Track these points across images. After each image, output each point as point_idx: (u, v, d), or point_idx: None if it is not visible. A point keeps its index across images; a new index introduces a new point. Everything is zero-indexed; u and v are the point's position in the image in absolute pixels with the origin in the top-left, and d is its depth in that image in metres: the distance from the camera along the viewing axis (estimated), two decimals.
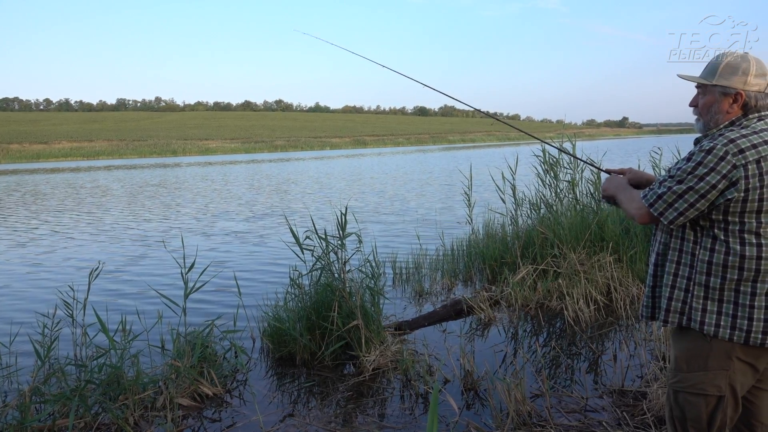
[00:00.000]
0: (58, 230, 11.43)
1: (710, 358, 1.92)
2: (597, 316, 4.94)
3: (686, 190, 1.86)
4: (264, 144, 69.29)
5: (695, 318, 1.92)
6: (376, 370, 3.96)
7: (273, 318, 4.39)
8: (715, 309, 1.89)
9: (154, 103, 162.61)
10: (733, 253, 1.85)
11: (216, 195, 17.80)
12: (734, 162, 1.81)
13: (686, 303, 1.95)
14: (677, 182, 1.89)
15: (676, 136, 67.98)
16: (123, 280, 7.06)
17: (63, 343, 4.25)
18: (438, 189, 17.46)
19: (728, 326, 1.87)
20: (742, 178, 1.80)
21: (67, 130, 78.89)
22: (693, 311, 1.93)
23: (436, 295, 5.88)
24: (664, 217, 1.93)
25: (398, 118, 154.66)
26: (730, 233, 1.86)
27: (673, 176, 1.92)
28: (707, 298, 1.90)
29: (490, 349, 4.32)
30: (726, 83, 1.94)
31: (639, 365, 3.84)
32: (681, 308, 1.96)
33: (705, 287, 1.90)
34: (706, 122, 2.02)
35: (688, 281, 1.95)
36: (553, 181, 6.38)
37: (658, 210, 1.94)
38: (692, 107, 2.08)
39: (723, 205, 1.85)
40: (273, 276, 6.95)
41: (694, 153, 1.91)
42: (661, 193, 1.93)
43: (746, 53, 1.97)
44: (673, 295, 1.98)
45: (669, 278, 2.00)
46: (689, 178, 1.86)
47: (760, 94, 1.93)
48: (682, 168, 1.90)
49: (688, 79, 2.06)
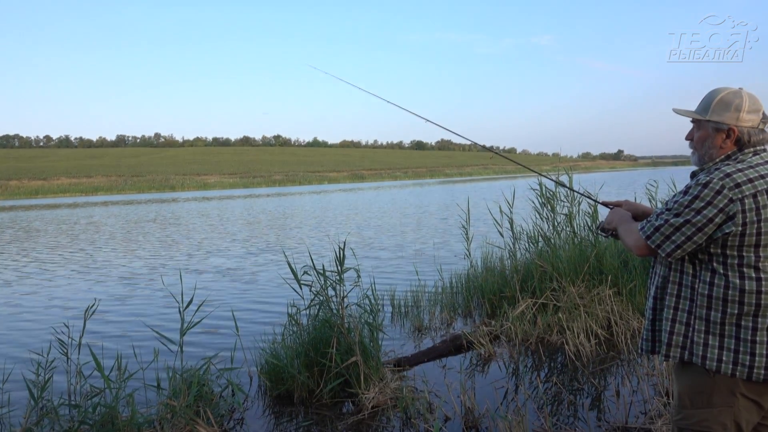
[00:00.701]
0: (47, 268, 11.36)
1: (714, 395, 1.89)
2: (598, 350, 4.89)
3: (683, 223, 1.87)
4: (262, 179, 69.59)
5: (697, 352, 1.90)
6: (375, 408, 3.89)
7: (270, 355, 4.34)
8: (716, 344, 1.87)
9: (154, 139, 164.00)
10: (732, 287, 1.84)
11: (212, 231, 17.79)
12: (731, 196, 1.82)
13: (687, 337, 1.93)
14: (674, 215, 1.90)
15: (671, 168, 68.57)
16: (118, 318, 6.99)
17: (57, 382, 4.17)
18: (436, 223, 17.48)
19: (730, 361, 1.85)
20: (739, 212, 1.81)
21: (66, 166, 79.28)
22: (695, 345, 1.91)
23: (436, 330, 5.83)
24: (661, 249, 1.93)
25: (395, 152, 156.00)
26: (729, 267, 1.86)
27: (671, 209, 1.93)
28: (708, 333, 1.89)
29: (490, 386, 4.26)
30: (718, 119, 1.96)
31: (642, 401, 3.78)
32: (682, 342, 1.94)
33: (706, 321, 1.89)
34: (700, 156, 2.04)
35: (688, 315, 1.94)
36: (551, 214, 6.40)
37: (656, 242, 1.94)
38: (688, 141, 2.11)
39: (721, 239, 1.85)
40: (270, 312, 6.89)
41: (691, 186, 1.92)
42: (659, 225, 1.94)
43: (740, 89, 1.99)
44: (674, 329, 1.96)
45: (669, 312, 1.98)
46: (686, 212, 1.87)
47: (753, 130, 1.94)
48: (679, 201, 1.91)
49: (682, 115, 2.09)
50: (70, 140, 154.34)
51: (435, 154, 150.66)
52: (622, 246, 5.89)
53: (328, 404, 4.04)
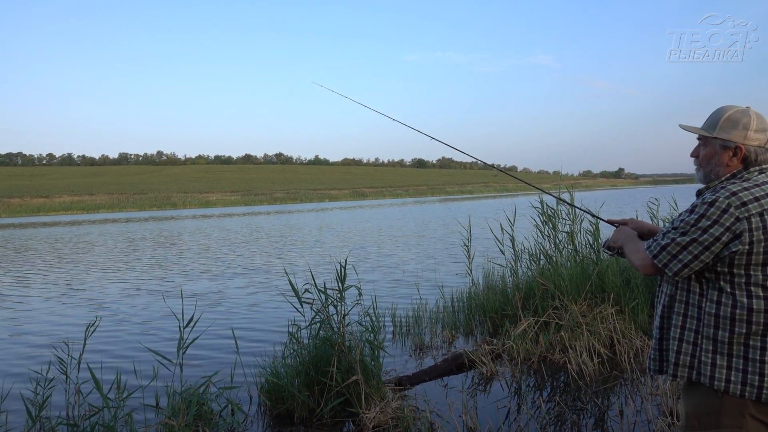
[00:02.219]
0: (34, 286, 11.34)
1: (722, 416, 1.87)
2: (601, 369, 4.85)
3: (690, 241, 1.86)
4: (264, 197, 69.77)
5: (705, 372, 1.88)
6: (376, 428, 3.85)
7: (270, 373, 4.30)
8: (724, 363, 1.85)
9: (156, 157, 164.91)
10: (740, 306, 1.83)
11: (214, 248, 17.78)
12: (737, 215, 1.81)
13: (695, 357, 1.91)
14: (681, 234, 1.89)
15: (672, 186, 68.63)
16: (118, 336, 6.95)
17: (55, 401, 4.14)
18: (437, 240, 17.46)
19: (739, 382, 1.83)
20: (746, 231, 1.80)
21: (68, 183, 79.59)
22: (702, 365, 1.89)
23: (437, 349, 5.79)
24: (668, 268, 1.92)
25: (396, 170, 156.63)
26: (737, 286, 1.85)
27: (677, 228, 1.92)
28: (716, 352, 1.86)
29: (492, 405, 4.21)
30: (726, 137, 1.95)
31: (646, 421, 3.74)
32: (690, 362, 1.92)
33: (713, 341, 1.87)
34: (706, 173, 2.03)
35: (696, 334, 1.92)
36: (552, 232, 6.39)
37: (662, 261, 1.93)
38: (693, 157, 2.10)
39: (728, 258, 1.84)
40: (271, 330, 6.86)
41: (697, 205, 1.91)
42: (665, 244, 1.92)
43: (748, 108, 1.99)
44: (682, 348, 1.94)
45: (677, 331, 1.97)
46: (693, 230, 1.86)
47: (760, 149, 1.94)
48: (685, 220, 1.90)
49: (689, 131, 2.08)
50: (73, 158, 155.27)
51: (436, 172, 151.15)
52: (624, 264, 5.87)
53: (329, 424, 4.00)
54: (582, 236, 6.35)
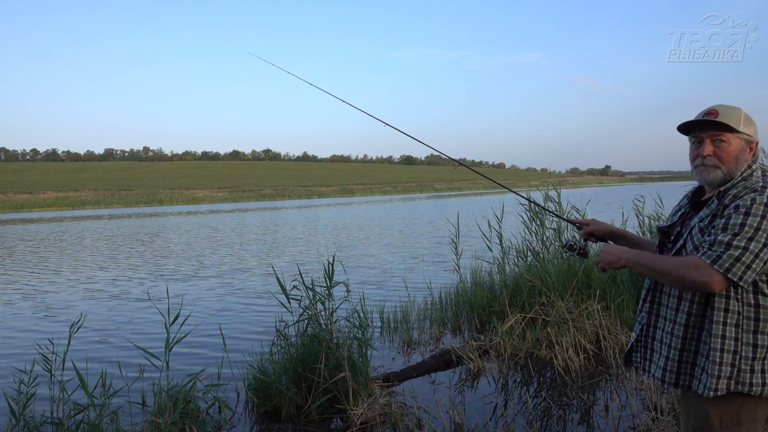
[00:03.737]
0: (29, 282, 11.22)
1: (742, 413, 1.87)
2: (587, 365, 4.90)
3: (761, 247, 1.76)
4: (251, 193, 69.44)
5: (744, 380, 1.83)
6: (363, 424, 3.85)
7: (258, 370, 4.29)
8: (760, 368, 1.83)
9: (142, 153, 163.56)
10: None
11: (200, 245, 17.68)
12: None
13: (734, 366, 1.84)
14: (748, 240, 1.76)
15: (658, 183, 69.33)
16: (105, 333, 6.90)
17: (39, 399, 4.10)
18: (425, 237, 17.50)
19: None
20: None
21: (53, 179, 78.68)
22: (741, 373, 1.83)
23: (425, 345, 5.81)
24: (743, 281, 1.78)
25: (385, 167, 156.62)
26: None
27: (738, 233, 1.78)
28: (755, 358, 1.83)
29: (480, 401, 4.24)
30: (750, 132, 1.95)
31: (631, 416, 3.78)
32: (730, 373, 1.84)
33: (753, 346, 1.83)
34: (730, 171, 1.93)
35: (736, 342, 1.84)
36: (539, 228, 6.43)
37: (737, 274, 1.77)
38: (706, 156, 1.96)
39: None
40: (258, 327, 6.83)
41: (749, 207, 1.79)
42: (738, 255, 1.77)
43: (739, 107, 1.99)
44: (723, 359, 1.84)
45: (717, 341, 1.85)
46: (760, 234, 1.76)
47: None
48: (747, 224, 1.78)
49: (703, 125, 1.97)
50: (57, 154, 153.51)
51: (424, 169, 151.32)
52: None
53: (317, 420, 4.00)
54: (569, 233, 6.39)
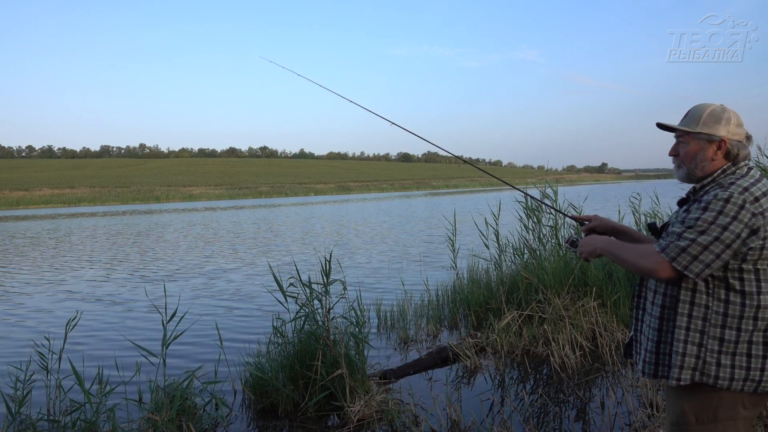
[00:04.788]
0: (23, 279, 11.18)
1: (720, 410, 1.87)
2: (583, 362, 4.91)
3: (712, 240, 1.80)
4: (248, 190, 69.32)
5: (708, 372, 1.86)
6: (360, 421, 3.86)
7: (255, 368, 4.29)
8: (728, 362, 1.84)
9: (139, 150, 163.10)
10: (749, 303, 1.83)
11: (196, 242, 17.65)
12: (753, 210, 1.79)
13: (699, 358, 1.88)
14: (699, 233, 1.82)
15: (654, 181, 69.36)
16: (100, 331, 6.88)
17: (36, 396, 4.09)
18: (422, 235, 17.50)
19: (741, 378, 1.83)
20: (762, 227, 1.79)
21: (48, 176, 78.37)
22: (706, 366, 1.86)
23: (422, 342, 5.81)
24: (688, 270, 1.84)
25: (382, 164, 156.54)
26: (746, 282, 1.84)
27: (693, 227, 1.84)
28: (721, 352, 1.85)
29: (476, 398, 4.25)
30: (710, 131, 1.95)
31: (627, 412, 3.80)
32: (694, 364, 1.88)
33: (720, 340, 1.85)
34: (690, 170, 1.99)
35: (701, 335, 1.88)
36: (536, 225, 6.44)
37: (682, 264, 1.84)
38: (672, 156, 2.06)
39: (741, 255, 1.82)
40: (255, 325, 6.83)
41: (709, 202, 1.84)
42: (685, 246, 1.83)
43: (723, 105, 1.99)
44: (687, 350, 1.89)
45: (681, 333, 1.91)
46: (712, 228, 1.80)
47: (740, 144, 1.94)
48: (701, 218, 1.83)
49: (669, 128, 2.06)
50: (53, 150, 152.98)
51: (421, 166, 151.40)
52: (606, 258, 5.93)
53: (314, 417, 4.00)
54: (566, 230, 6.40)
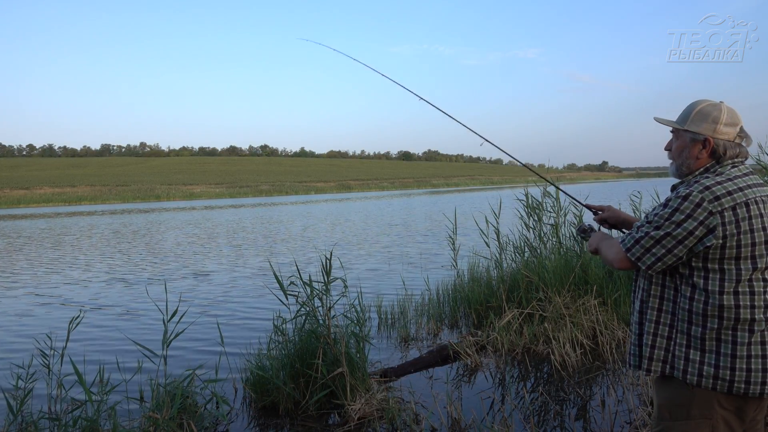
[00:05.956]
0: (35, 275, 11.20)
1: (693, 407, 1.89)
2: (584, 360, 4.91)
3: (664, 235, 1.87)
4: (249, 189, 69.23)
5: (678, 366, 1.91)
6: (361, 420, 3.86)
7: (256, 366, 4.30)
8: (697, 358, 1.87)
9: (139, 149, 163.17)
10: (712, 301, 1.84)
11: (197, 241, 17.65)
12: (710, 209, 1.82)
13: (669, 351, 1.94)
14: (655, 227, 1.89)
15: (655, 179, 69.39)
16: (101, 329, 6.89)
17: (37, 395, 4.10)
18: (422, 233, 17.50)
19: (711, 376, 1.85)
20: (719, 225, 1.81)
21: (49, 175, 78.36)
22: (675, 359, 1.91)
23: (422, 341, 5.82)
24: (641, 262, 1.92)
25: (382, 162, 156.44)
26: (710, 281, 1.86)
27: (651, 222, 1.92)
28: (689, 347, 1.89)
29: (477, 396, 4.25)
30: (695, 129, 1.97)
31: (627, 411, 3.80)
32: (664, 356, 1.95)
33: (687, 335, 1.89)
34: (678, 166, 2.05)
35: (670, 329, 1.94)
36: (537, 224, 6.44)
37: (635, 255, 1.93)
38: (667, 151, 2.12)
39: (702, 252, 1.85)
40: (256, 323, 6.84)
41: (671, 199, 1.91)
42: (639, 238, 1.93)
43: (721, 102, 2.00)
44: (656, 343, 1.96)
45: (651, 326, 1.98)
46: (666, 224, 1.87)
47: (729, 143, 1.94)
48: (659, 214, 1.90)
49: (662, 123, 2.10)
50: (54, 149, 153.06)
51: (422, 164, 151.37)
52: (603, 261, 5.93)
53: (314, 416, 4.01)
54: (566, 228, 6.40)
